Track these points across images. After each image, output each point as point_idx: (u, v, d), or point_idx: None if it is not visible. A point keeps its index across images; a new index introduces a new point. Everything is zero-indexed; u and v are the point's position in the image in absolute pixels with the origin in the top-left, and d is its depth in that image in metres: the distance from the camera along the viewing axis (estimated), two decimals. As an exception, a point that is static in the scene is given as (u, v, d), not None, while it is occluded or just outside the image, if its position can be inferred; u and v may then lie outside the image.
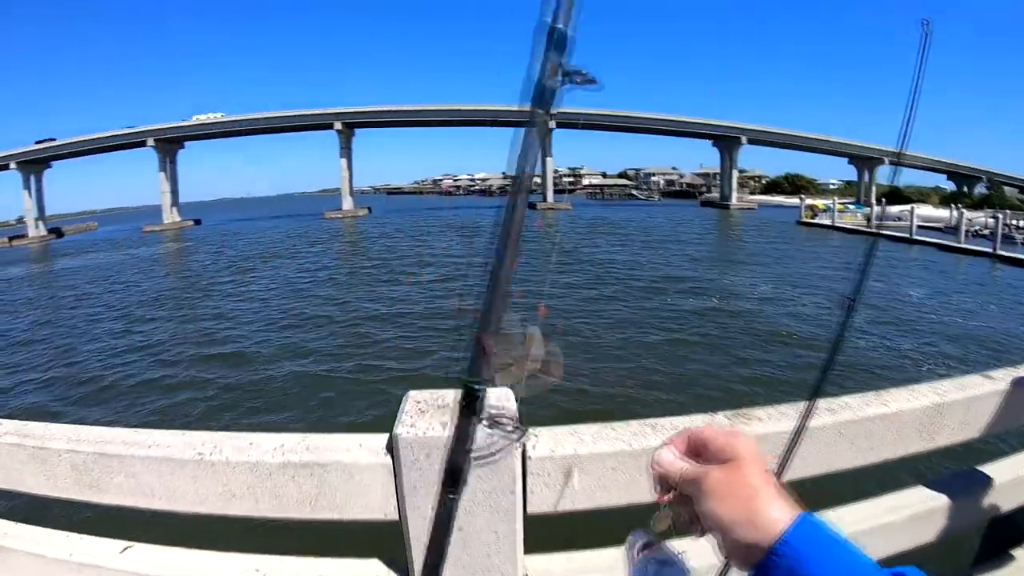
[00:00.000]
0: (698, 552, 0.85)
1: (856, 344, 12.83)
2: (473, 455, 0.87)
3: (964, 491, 2.65)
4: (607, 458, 1.94)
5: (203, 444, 1.96)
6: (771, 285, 20.66)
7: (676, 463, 0.77)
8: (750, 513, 0.66)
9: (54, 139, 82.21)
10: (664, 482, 0.77)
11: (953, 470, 2.93)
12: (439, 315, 16.28)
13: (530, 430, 1.93)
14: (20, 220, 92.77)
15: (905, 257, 30.89)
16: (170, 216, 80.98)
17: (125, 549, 2.28)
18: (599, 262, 26.74)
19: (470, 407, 0.83)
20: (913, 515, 2.49)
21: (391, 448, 1.82)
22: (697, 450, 0.77)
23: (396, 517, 1.91)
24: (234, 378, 11.99)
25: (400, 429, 1.76)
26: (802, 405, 1.95)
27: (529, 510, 1.96)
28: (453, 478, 0.86)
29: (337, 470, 1.83)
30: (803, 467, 2.04)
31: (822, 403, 2.13)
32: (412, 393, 1.98)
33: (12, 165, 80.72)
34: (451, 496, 0.87)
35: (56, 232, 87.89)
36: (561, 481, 1.93)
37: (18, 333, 18.01)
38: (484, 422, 0.86)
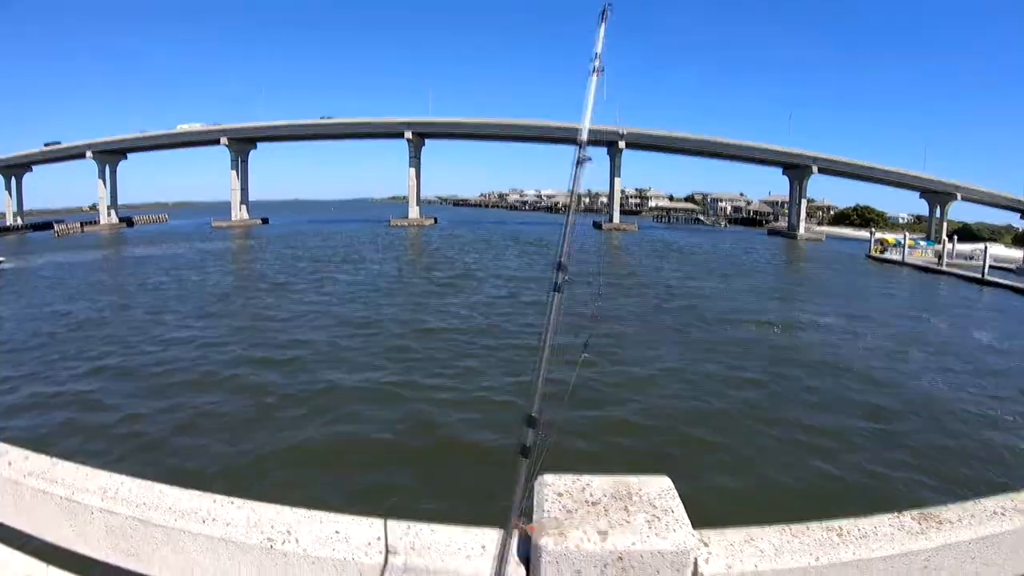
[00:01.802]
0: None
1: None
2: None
3: None
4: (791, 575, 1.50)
5: (272, 526, 1.52)
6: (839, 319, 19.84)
7: None
8: None
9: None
10: None
11: None
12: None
13: (698, 536, 1.45)
14: (93, 207, 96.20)
15: (975, 299, 29.47)
16: (239, 213, 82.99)
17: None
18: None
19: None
20: None
21: (526, 559, 1.36)
22: None
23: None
24: (293, 385, 11.75)
25: (544, 539, 1.28)
26: (992, 503, 1.75)
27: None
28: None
29: (447, 582, 1.36)
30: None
31: (1007, 500, 1.79)
32: (548, 479, 1.50)
33: (88, 154, 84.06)
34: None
35: (127, 221, 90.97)
36: (737, 606, 1.46)
37: (85, 316, 18.28)
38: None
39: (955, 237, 58.71)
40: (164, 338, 15.29)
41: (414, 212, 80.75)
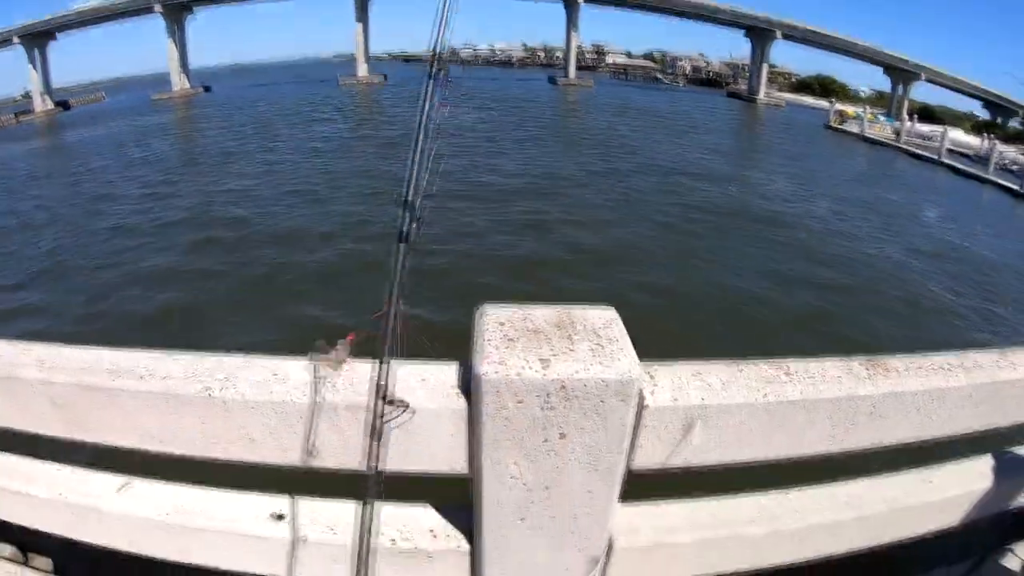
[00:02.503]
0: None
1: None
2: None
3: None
4: (737, 410, 1.55)
5: (211, 375, 1.49)
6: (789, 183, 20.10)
7: None
8: None
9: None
10: None
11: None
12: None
13: (643, 367, 1.46)
14: (26, 95, 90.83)
15: (928, 178, 30.09)
16: (179, 83, 79.07)
17: (123, 487, 1.88)
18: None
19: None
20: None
21: (467, 389, 1.37)
22: None
23: (465, 472, 1.50)
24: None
25: (484, 367, 1.27)
26: (940, 359, 1.79)
27: (633, 466, 1.57)
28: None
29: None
30: (927, 428, 1.78)
31: (953, 358, 1.83)
32: (489, 310, 1.48)
33: (15, 40, 78.46)
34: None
35: (63, 105, 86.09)
36: (677, 436, 1.52)
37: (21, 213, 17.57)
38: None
39: (915, 116, 58.85)
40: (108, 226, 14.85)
41: (362, 70, 77.51)
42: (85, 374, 1.60)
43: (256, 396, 1.42)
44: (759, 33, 77.39)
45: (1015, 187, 29.36)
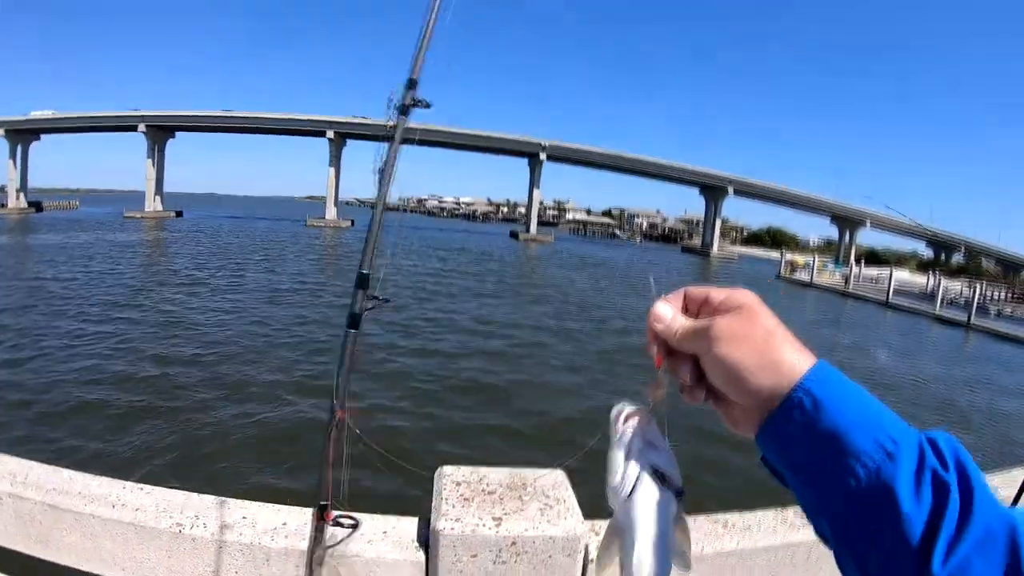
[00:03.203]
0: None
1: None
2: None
3: None
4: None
5: (183, 512, 1.56)
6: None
7: (678, 317, 0.68)
8: (767, 355, 0.60)
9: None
10: (662, 342, 0.68)
11: None
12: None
13: (588, 524, 1.57)
14: (1, 189, 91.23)
15: (878, 319, 31.17)
16: (152, 204, 79.63)
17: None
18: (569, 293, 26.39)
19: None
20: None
21: (425, 543, 1.46)
22: (696, 308, 0.68)
23: (421, 621, 1.54)
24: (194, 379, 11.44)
25: (442, 523, 1.39)
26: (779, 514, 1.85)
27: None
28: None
29: (353, 566, 1.44)
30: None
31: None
32: (447, 471, 1.61)
33: (0, 132, 79.54)
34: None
35: (36, 206, 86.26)
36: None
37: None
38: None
39: (863, 261, 61.64)
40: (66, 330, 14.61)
41: (331, 213, 79.06)
42: (56, 495, 1.65)
43: (225, 537, 1.49)
44: (712, 190, 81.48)
45: (963, 319, 30.56)
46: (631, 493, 0.63)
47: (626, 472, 0.64)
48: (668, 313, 0.68)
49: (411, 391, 11.33)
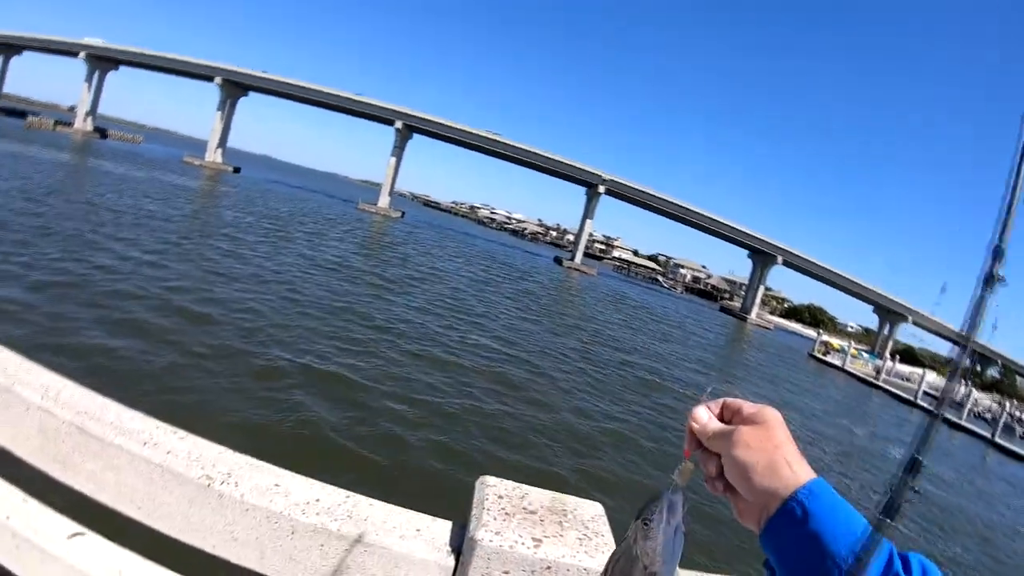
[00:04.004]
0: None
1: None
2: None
3: None
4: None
5: (215, 465, 1.51)
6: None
7: (713, 421, 0.82)
8: (774, 463, 0.73)
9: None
10: (695, 438, 0.83)
11: None
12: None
13: None
14: (71, 109, 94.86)
15: (902, 418, 30.61)
16: (213, 155, 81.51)
17: (75, 535, 1.82)
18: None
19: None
20: None
21: (458, 549, 1.39)
22: (730, 416, 0.82)
23: (439, 630, 1.47)
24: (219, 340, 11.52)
25: (481, 533, 1.32)
26: None
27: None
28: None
29: (380, 556, 1.37)
30: None
31: None
32: (491, 481, 1.54)
33: (81, 55, 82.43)
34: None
35: (101, 132, 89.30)
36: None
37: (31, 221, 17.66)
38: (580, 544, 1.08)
39: (897, 357, 60.74)
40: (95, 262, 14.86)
41: (384, 201, 79.82)
42: (87, 419, 1.62)
43: (254, 500, 1.43)
44: (761, 255, 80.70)
45: (986, 434, 29.80)
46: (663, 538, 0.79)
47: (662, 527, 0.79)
48: (705, 416, 0.83)
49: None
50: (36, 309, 10.39)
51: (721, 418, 0.83)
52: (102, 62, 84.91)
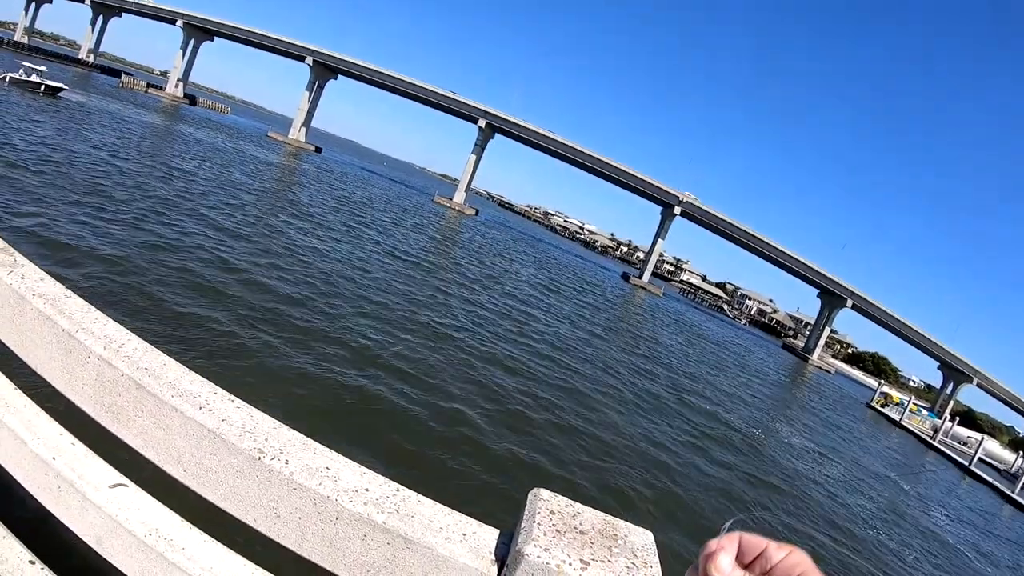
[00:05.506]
0: None
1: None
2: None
3: None
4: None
5: (268, 440, 1.49)
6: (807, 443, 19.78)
7: (737, 571, 0.69)
8: None
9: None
10: None
11: None
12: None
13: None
14: (164, 73, 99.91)
15: (952, 481, 29.47)
16: (296, 133, 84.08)
17: (117, 485, 1.83)
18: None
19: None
20: None
21: (502, 560, 1.33)
22: (751, 558, 0.69)
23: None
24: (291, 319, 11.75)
25: (530, 547, 1.25)
26: None
27: None
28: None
29: (422, 555, 1.32)
30: None
31: None
32: (544, 495, 1.47)
33: (179, 23, 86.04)
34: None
35: (190, 99, 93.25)
36: None
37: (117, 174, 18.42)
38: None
39: (957, 418, 58.52)
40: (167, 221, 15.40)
41: (460, 196, 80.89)
42: (146, 375, 1.62)
43: (303, 480, 1.40)
44: (831, 296, 78.67)
45: None
46: None
47: None
48: (727, 567, 0.69)
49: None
50: (131, 264, 10.91)
51: (740, 558, 0.71)
52: (198, 32, 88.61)
